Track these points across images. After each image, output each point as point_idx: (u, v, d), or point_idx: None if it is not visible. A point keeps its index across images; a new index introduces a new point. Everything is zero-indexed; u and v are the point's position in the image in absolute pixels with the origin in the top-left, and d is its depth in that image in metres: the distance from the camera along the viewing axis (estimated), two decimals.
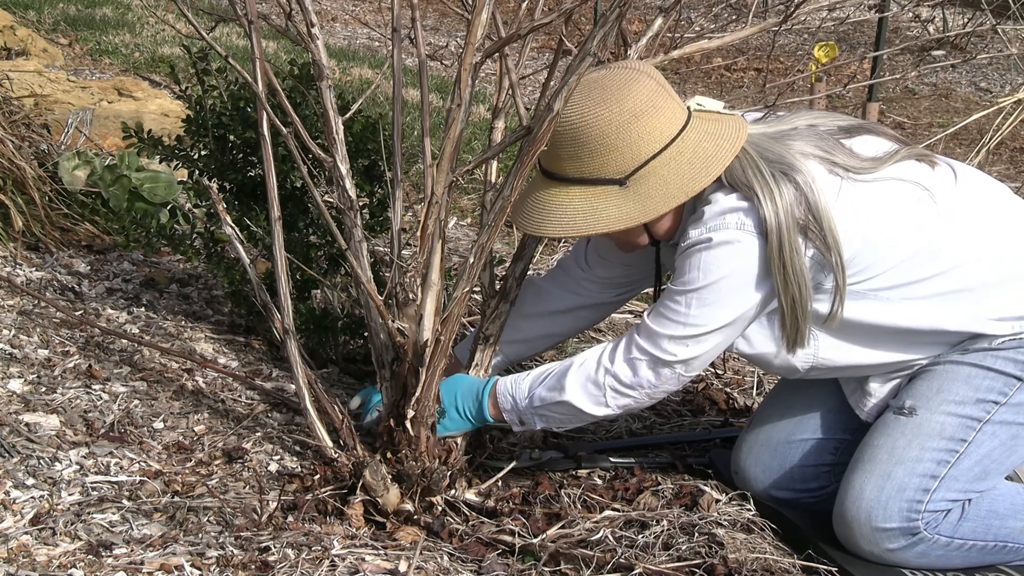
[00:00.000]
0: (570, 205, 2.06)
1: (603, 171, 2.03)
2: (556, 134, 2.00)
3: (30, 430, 2.31)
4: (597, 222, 2.05)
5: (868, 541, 2.11)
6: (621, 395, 2.14)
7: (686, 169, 2.02)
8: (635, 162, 2.01)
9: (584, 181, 2.04)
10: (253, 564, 1.94)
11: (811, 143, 2.08)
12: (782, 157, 2.04)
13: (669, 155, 2.02)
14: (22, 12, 7.51)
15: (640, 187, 2.02)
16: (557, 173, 2.07)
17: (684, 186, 2.02)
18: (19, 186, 3.32)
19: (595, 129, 2.00)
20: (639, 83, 2.02)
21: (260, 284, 2.32)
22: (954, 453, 2.11)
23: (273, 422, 2.53)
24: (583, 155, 2.02)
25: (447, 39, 8.48)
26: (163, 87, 5.82)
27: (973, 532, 2.13)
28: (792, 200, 2.00)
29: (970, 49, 7.83)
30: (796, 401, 2.39)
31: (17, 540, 1.95)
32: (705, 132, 2.06)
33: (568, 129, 2.01)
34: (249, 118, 2.76)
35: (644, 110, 2.00)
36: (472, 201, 4.54)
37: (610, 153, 2.01)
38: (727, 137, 2.05)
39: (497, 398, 2.23)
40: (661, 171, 2.02)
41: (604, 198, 2.04)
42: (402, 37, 2.26)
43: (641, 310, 3.54)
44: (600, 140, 2.00)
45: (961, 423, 2.12)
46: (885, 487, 2.09)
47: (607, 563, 2.02)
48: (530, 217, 2.11)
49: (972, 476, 2.12)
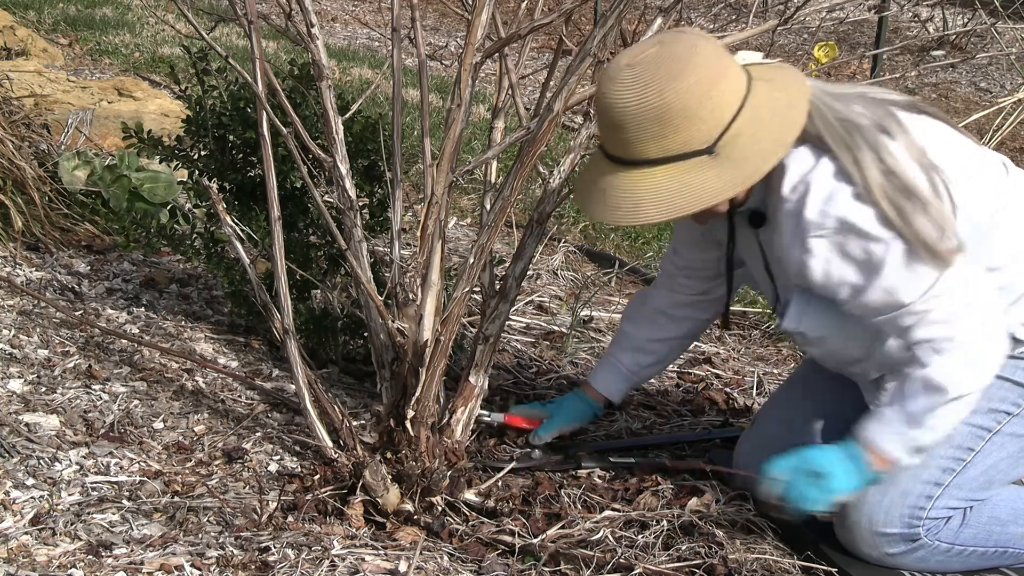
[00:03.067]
0: (663, 186, 1.95)
1: (689, 144, 1.93)
2: (632, 118, 1.92)
3: (30, 430, 2.31)
4: (702, 195, 1.95)
5: (868, 545, 2.11)
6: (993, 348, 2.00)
7: (770, 122, 1.95)
8: (719, 128, 1.93)
9: (669, 159, 1.95)
10: (253, 564, 1.94)
11: (868, 107, 2.02)
12: (847, 113, 1.99)
13: (748, 112, 1.95)
14: (22, 12, 7.51)
15: (731, 151, 1.94)
16: (637, 158, 1.96)
17: (777, 139, 1.95)
18: (19, 186, 3.32)
19: (677, 104, 1.90)
20: (703, 48, 1.95)
21: (260, 284, 2.32)
22: (960, 462, 2.10)
23: (273, 422, 2.53)
24: (668, 133, 1.92)
25: (447, 39, 8.48)
26: (163, 87, 5.82)
27: (974, 538, 2.13)
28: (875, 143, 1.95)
29: (970, 49, 7.83)
30: (800, 405, 2.38)
31: (17, 540, 1.95)
32: (770, 83, 2.00)
33: (649, 110, 1.91)
34: (249, 118, 2.76)
35: (717, 74, 1.93)
36: (472, 201, 4.54)
37: (695, 125, 1.92)
38: (793, 84, 2.00)
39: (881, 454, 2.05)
40: (747, 130, 1.94)
41: (697, 171, 1.95)
42: (402, 37, 2.26)
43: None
44: (684, 114, 1.91)
45: (971, 432, 2.11)
46: (888, 492, 2.09)
47: (607, 563, 2.03)
48: (619, 208, 1.99)
49: (976, 485, 2.12)
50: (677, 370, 3.10)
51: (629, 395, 2.58)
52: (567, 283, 3.76)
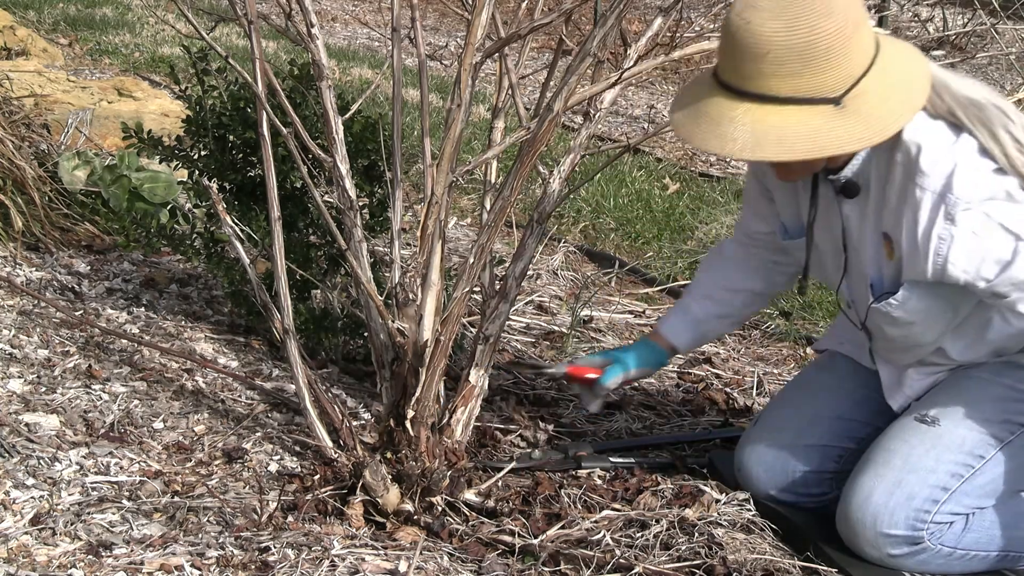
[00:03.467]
0: (786, 127, 1.89)
1: (820, 89, 1.88)
2: (777, 49, 1.85)
3: (30, 430, 2.31)
4: (827, 144, 1.89)
5: (871, 545, 2.11)
6: None
7: (898, 86, 1.92)
8: (850, 79, 1.88)
9: (797, 101, 1.88)
10: (253, 564, 1.94)
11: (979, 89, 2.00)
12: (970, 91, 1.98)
13: (877, 71, 1.91)
14: (22, 12, 7.50)
15: (858, 105, 1.89)
16: (765, 92, 1.89)
17: (906, 101, 1.92)
18: (19, 186, 3.32)
19: (824, 44, 1.85)
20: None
21: (260, 284, 2.32)
22: (970, 468, 2.10)
23: (273, 422, 2.53)
24: (806, 72, 1.86)
25: (447, 39, 8.48)
26: (163, 87, 5.82)
27: (976, 543, 2.13)
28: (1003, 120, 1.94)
29: (970, 49, 7.83)
30: (804, 405, 2.37)
31: (17, 540, 1.95)
32: (894, 48, 1.97)
33: (796, 44, 1.84)
34: (249, 118, 2.76)
35: (859, 21, 1.89)
36: (472, 201, 4.54)
37: (832, 69, 1.87)
38: (915, 56, 1.97)
39: None
40: (875, 88, 1.90)
41: (824, 118, 1.89)
42: (402, 37, 2.26)
43: (641, 310, 3.55)
44: (826, 55, 1.85)
45: (982, 439, 2.11)
46: (895, 493, 2.09)
47: (607, 563, 2.03)
48: (736, 141, 1.91)
49: (982, 493, 2.12)
50: (677, 370, 3.10)
51: (696, 346, 2.50)
52: (567, 283, 3.76)
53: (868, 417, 2.30)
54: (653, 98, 7.01)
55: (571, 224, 4.39)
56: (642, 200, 4.60)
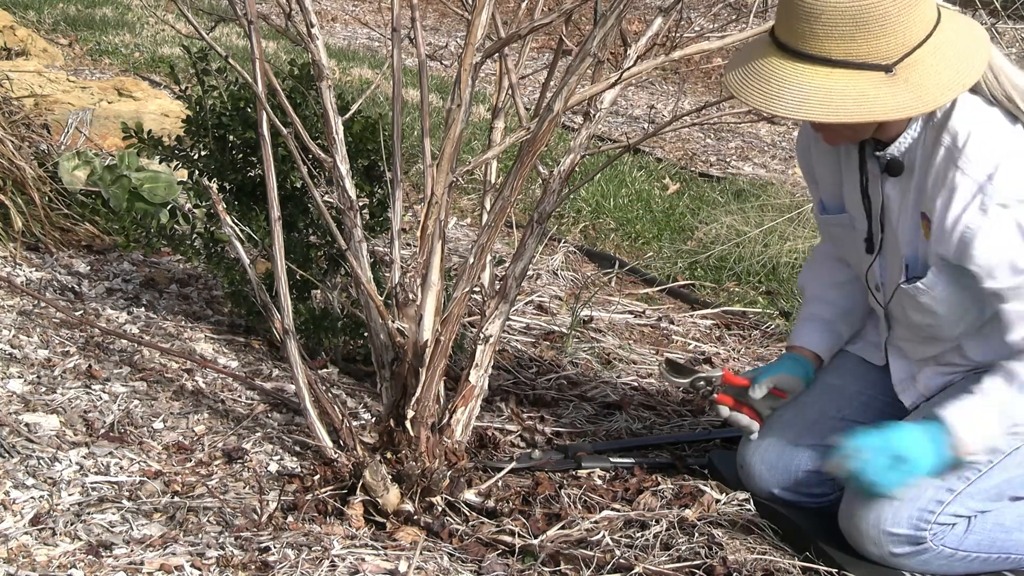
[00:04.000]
0: (835, 89, 1.91)
1: (872, 55, 1.90)
2: (832, 10, 1.87)
3: (30, 430, 2.31)
4: (873, 109, 1.91)
5: (873, 543, 2.11)
6: None
7: (952, 60, 1.93)
8: (904, 48, 1.90)
9: (849, 64, 1.90)
10: (253, 564, 1.94)
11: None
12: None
13: (933, 44, 1.92)
14: (22, 12, 7.50)
15: (910, 76, 1.91)
16: (817, 53, 1.91)
17: (957, 78, 1.93)
18: (19, 186, 3.32)
19: (880, 8, 1.87)
20: None
21: (260, 284, 2.32)
22: (977, 471, 2.09)
23: (273, 422, 2.53)
24: (859, 36, 1.88)
25: (447, 39, 8.48)
26: (163, 87, 5.82)
27: (978, 545, 2.13)
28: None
29: None
30: (809, 404, 2.37)
31: (17, 540, 1.95)
32: (957, 24, 1.98)
33: (851, 7, 1.86)
34: (249, 118, 2.76)
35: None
36: (472, 201, 4.54)
37: (887, 36, 1.88)
38: (978, 36, 1.98)
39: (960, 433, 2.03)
40: (928, 60, 1.91)
41: (873, 84, 1.91)
42: (402, 37, 2.26)
43: (641, 310, 3.55)
44: (881, 21, 1.87)
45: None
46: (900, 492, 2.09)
47: (607, 563, 2.02)
48: (781, 98, 1.94)
49: (987, 496, 2.11)
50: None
51: (838, 348, 2.42)
52: (567, 283, 3.76)
53: (873, 418, 2.30)
54: (653, 98, 7.01)
55: (571, 224, 4.39)
56: (642, 200, 4.60)
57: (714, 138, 6.07)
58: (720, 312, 3.58)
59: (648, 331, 3.41)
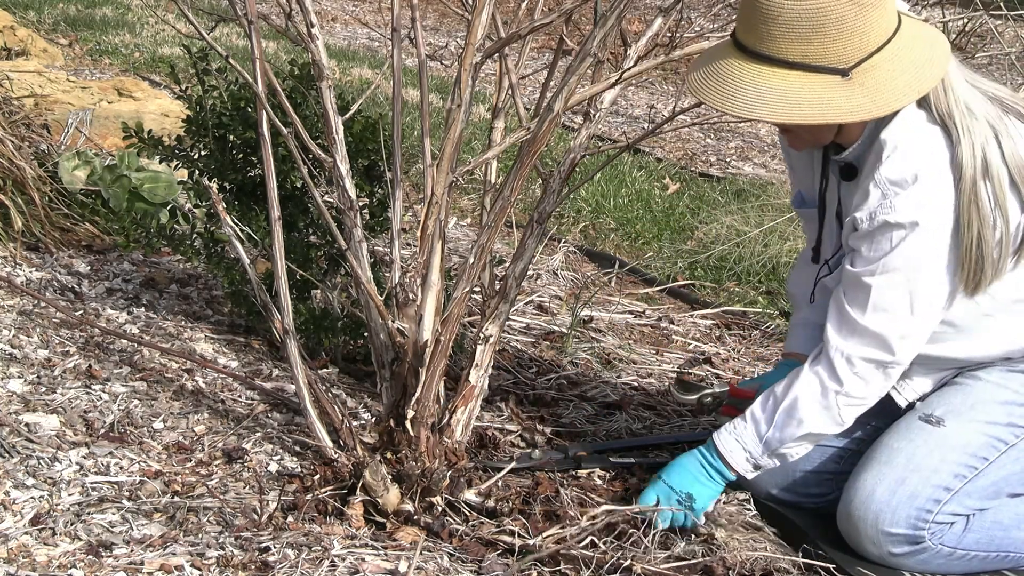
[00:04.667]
0: (791, 90, 1.93)
1: (829, 58, 1.92)
2: (788, 13, 1.89)
3: (30, 430, 2.32)
4: (827, 111, 1.93)
5: (872, 542, 2.11)
6: (855, 407, 2.10)
7: (909, 67, 1.94)
8: (862, 52, 1.92)
9: (806, 67, 1.92)
10: (253, 564, 1.94)
11: (985, 103, 2.02)
12: (971, 99, 1.99)
13: (892, 50, 1.94)
14: (22, 12, 7.50)
15: (866, 80, 1.93)
16: (774, 55, 1.93)
17: (913, 84, 1.94)
18: (19, 186, 3.32)
19: (836, 12, 1.88)
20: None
21: (260, 284, 2.32)
22: (973, 470, 2.10)
23: (273, 422, 2.53)
24: (815, 39, 1.90)
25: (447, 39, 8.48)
26: (163, 87, 5.82)
27: (976, 543, 2.13)
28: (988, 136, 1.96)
29: (970, 49, 7.83)
30: None
31: (17, 540, 1.95)
32: (917, 32, 1.99)
33: (808, 9, 1.88)
34: (249, 118, 2.76)
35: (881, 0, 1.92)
36: (472, 201, 4.54)
37: (843, 39, 1.90)
38: (937, 43, 1.99)
39: (727, 459, 2.16)
40: (885, 66, 1.93)
41: (829, 87, 1.93)
42: (402, 37, 2.26)
43: (641, 310, 3.55)
44: (838, 24, 1.89)
45: (987, 442, 2.11)
46: (897, 492, 2.09)
47: (606, 563, 2.02)
48: (737, 98, 1.96)
49: (985, 495, 2.12)
50: (677, 370, 3.10)
51: None
52: (567, 283, 3.76)
53: (868, 417, 2.30)
54: (653, 98, 7.01)
55: (571, 224, 4.39)
56: (642, 200, 4.60)
57: (714, 138, 6.07)
58: (720, 312, 3.58)
59: (648, 331, 3.41)
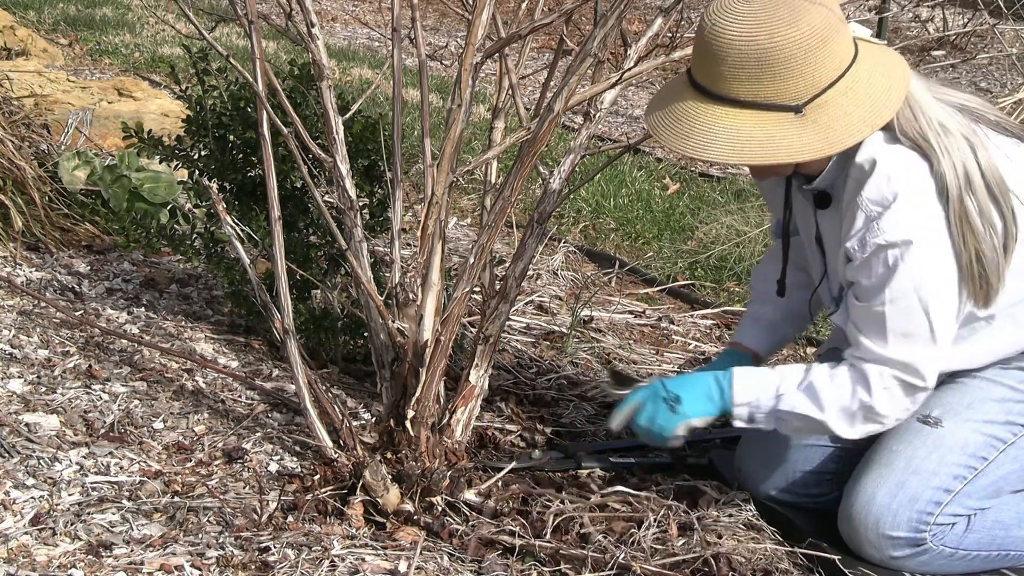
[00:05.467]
0: (742, 130, 1.92)
1: (780, 96, 1.90)
2: (736, 53, 1.88)
3: (30, 430, 2.31)
4: (778, 150, 1.91)
5: (873, 546, 2.11)
6: (873, 423, 2.07)
7: (864, 100, 1.92)
8: (814, 89, 1.90)
9: (757, 105, 1.91)
10: (253, 564, 1.94)
11: (957, 117, 2.00)
12: (943, 116, 1.98)
13: (846, 84, 1.92)
14: (22, 12, 7.51)
15: (819, 116, 1.91)
16: (725, 95, 1.92)
17: (867, 118, 1.92)
18: (19, 186, 3.32)
19: (784, 51, 1.87)
20: (825, 4, 1.90)
21: (260, 284, 2.32)
22: (973, 470, 2.10)
23: (273, 422, 2.53)
24: (765, 77, 1.89)
25: (447, 39, 8.49)
26: (163, 87, 5.82)
27: (978, 543, 2.13)
28: (966, 151, 1.94)
29: (970, 49, 7.83)
30: None
31: (17, 540, 1.95)
32: (875, 62, 1.96)
33: (755, 50, 1.87)
34: (249, 118, 2.76)
35: (830, 33, 1.89)
36: (472, 201, 4.54)
37: (793, 78, 1.89)
38: (895, 70, 1.97)
39: (735, 387, 2.12)
40: (839, 100, 1.91)
41: (780, 126, 1.91)
42: (402, 37, 2.26)
43: (641, 310, 3.55)
44: (786, 63, 1.87)
45: (986, 441, 2.11)
46: (897, 495, 2.09)
47: (607, 563, 2.02)
48: (690, 138, 1.95)
49: (985, 494, 2.12)
50: (677, 370, 3.10)
51: (776, 351, 2.49)
52: (567, 283, 3.76)
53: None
54: None
55: (571, 224, 4.39)
56: (642, 200, 4.60)
57: None
58: (720, 312, 3.58)
59: (648, 331, 3.41)
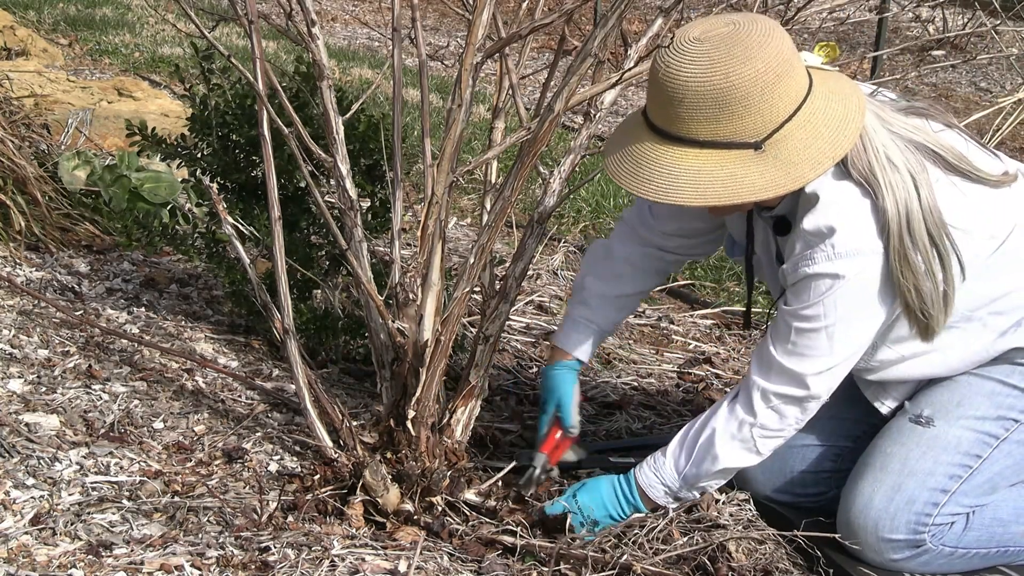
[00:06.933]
0: (703, 170, 1.91)
1: (739, 134, 1.89)
2: (692, 94, 1.87)
3: (30, 430, 2.31)
4: (741, 189, 1.91)
5: (872, 550, 2.11)
6: (771, 439, 2.11)
7: (823, 132, 1.92)
8: (772, 125, 1.89)
9: (717, 145, 1.90)
10: (253, 564, 1.94)
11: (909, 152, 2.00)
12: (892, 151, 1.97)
13: (803, 117, 1.91)
14: (22, 12, 7.51)
15: (779, 152, 1.90)
16: (684, 135, 1.92)
17: (827, 150, 1.91)
18: (19, 186, 3.32)
19: (740, 90, 1.86)
20: (777, 38, 1.89)
21: (260, 284, 2.32)
22: (968, 468, 2.10)
23: (273, 422, 2.53)
24: (723, 117, 1.88)
25: (447, 39, 8.49)
26: (163, 87, 5.82)
27: (977, 541, 2.13)
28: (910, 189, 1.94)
29: (970, 49, 7.83)
30: None
31: (17, 540, 1.95)
32: (829, 91, 1.96)
33: (711, 90, 1.86)
34: (253, 117, 2.76)
35: (784, 69, 1.88)
36: (472, 201, 4.55)
37: (750, 115, 1.88)
38: (851, 98, 1.96)
39: (645, 492, 2.19)
40: (798, 134, 1.90)
41: (741, 163, 1.90)
42: (402, 37, 2.26)
43: (640, 310, 3.54)
44: (743, 102, 1.87)
45: (978, 439, 2.11)
46: (895, 499, 2.09)
47: (607, 563, 2.02)
48: (652, 182, 1.95)
49: (981, 492, 2.12)
50: (677, 370, 3.10)
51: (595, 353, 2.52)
52: (567, 283, 3.76)
53: (862, 415, 2.30)
54: None
55: (571, 224, 4.39)
56: None
57: None
58: (720, 312, 3.58)
59: (648, 331, 3.41)
